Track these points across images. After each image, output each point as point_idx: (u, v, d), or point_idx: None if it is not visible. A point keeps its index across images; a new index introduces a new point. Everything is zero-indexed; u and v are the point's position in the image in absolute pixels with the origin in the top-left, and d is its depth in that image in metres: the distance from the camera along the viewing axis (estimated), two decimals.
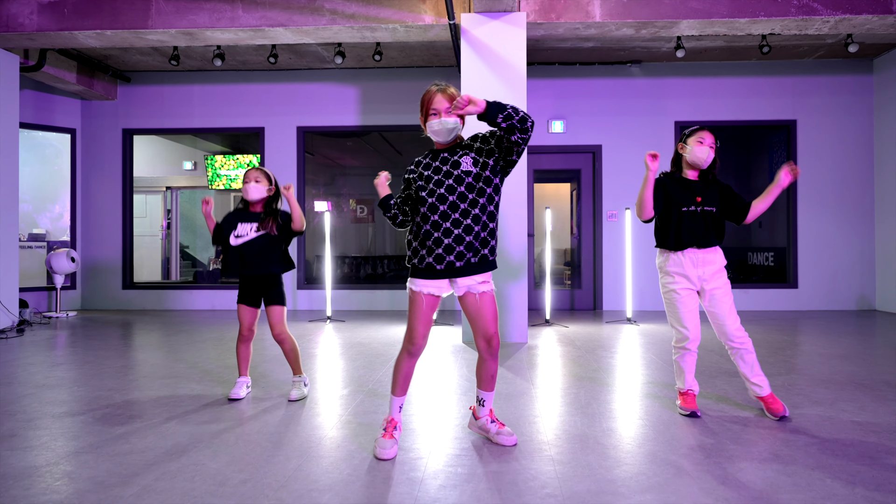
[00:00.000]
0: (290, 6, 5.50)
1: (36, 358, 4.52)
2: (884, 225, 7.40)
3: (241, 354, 3.34)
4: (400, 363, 2.42)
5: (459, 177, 2.31)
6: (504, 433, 2.49)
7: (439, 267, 2.32)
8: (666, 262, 2.89)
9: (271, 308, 3.25)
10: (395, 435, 2.41)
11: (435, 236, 2.31)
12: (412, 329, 2.37)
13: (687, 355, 2.89)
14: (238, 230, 3.20)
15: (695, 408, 2.89)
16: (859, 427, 2.70)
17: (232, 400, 3.23)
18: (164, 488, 2.06)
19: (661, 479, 2.13)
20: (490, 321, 2.39)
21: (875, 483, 2.07)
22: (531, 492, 2.03)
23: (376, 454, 2.34)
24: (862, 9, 5.19)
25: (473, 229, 2.30)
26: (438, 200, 2.31)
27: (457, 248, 2.29)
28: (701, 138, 2.85)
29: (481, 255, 2.34)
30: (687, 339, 2.85)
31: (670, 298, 2.87)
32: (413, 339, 2.37)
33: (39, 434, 2.67)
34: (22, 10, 5.70)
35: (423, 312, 2.37)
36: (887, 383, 3.54)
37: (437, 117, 2.33)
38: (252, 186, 3.18)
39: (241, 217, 3.23)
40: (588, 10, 5.31)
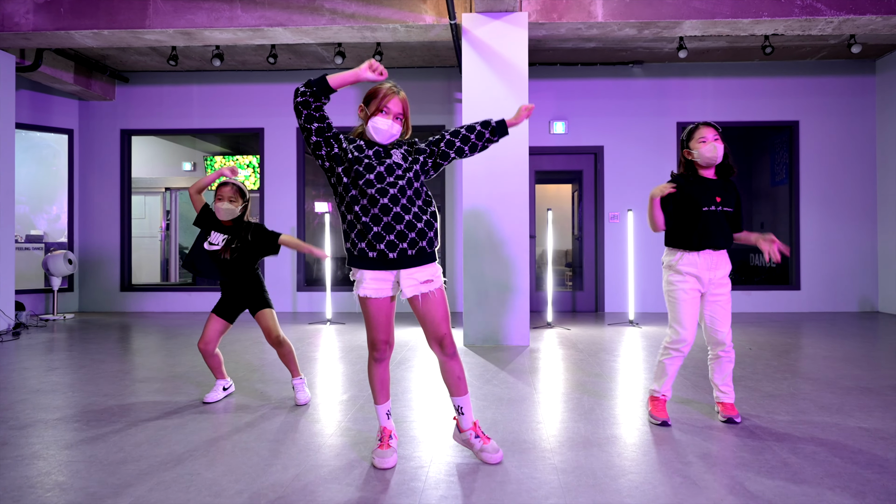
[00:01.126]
0: (290, 6, 5.45)
1: (31, 362, 4.47)
2: (886, 226, 7.36)
3: (210, 365, 3.26)
4: (370, 370, 2.37)
5: (390, 167, 2.24)
6: (488, 450, 2.32)
7: (371, 254, 2.21)
8: (679, 261, 2.80)
9: (260, 314, 3.19)
10: (392, 444, 2.35)
11: (364, 221, 2.20)
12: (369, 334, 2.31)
13: (677, 358, 2.82)
14: (212, 237, 3.16)
15: (666, 417, 2.82)
16: (867, 434, 2.65)
17: (206, 403, 3.19)
18: (159, 499, 2.01)
19: (668, 488, 2.08)
20: (440, 321, 2.28)
21: (886, 493, 2.02)
22: (535, 501, 1.98)
23: (375, 464, 2.29)
24: (866, 9, 5.14)
25: (404, 218, 2.20)
26: (366, 185, 2.19)
27: (387, 237, 2.19)
28: (702, 138, 2.80)
29: (418, 248, 2.23)
30: (683, 342, 2.77)
31: (675, 297, 2.79)
32: (373, 345, 2.32)
33: (32, 442, 2.62)
34: (18, 9, 5.64)
35: (374, 317, 2.28)
36: (893, 388, 3.49)
37: (386, 116, 2.25)
38: (223, 207, 3.08)
39: (217, 226, 3.17)
40: (590, 11, 5.26)
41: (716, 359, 2.85)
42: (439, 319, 2.27)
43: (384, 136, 2.26)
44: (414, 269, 2.24)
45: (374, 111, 2.25)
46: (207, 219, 3.19)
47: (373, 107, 2.26)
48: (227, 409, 3.12)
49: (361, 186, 2.20)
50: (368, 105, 2.28)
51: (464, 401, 2.35)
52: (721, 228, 2.80)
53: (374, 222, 2.18)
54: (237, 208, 3.13)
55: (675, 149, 7.58)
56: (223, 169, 3.19)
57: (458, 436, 2.41)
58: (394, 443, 2.36)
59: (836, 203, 7.54)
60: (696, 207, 2.78)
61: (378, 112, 2.25)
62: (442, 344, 2.30)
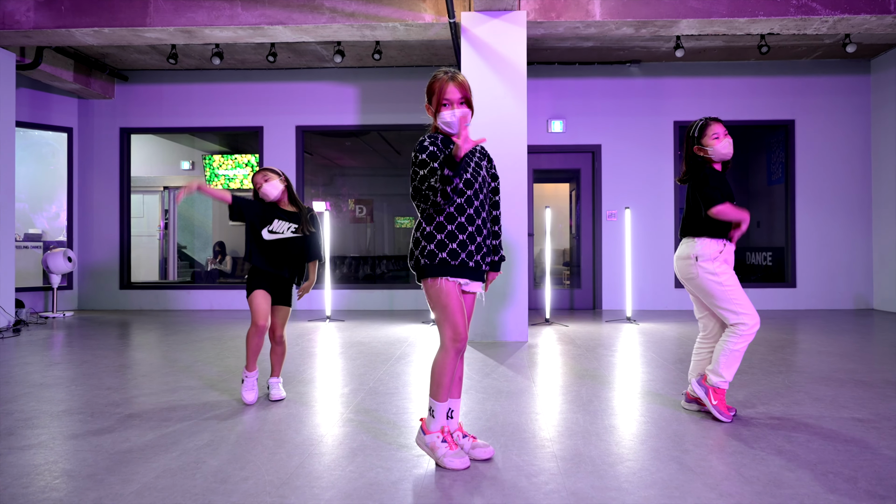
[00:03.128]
0: (290, 4, 5.48)
1: (32, 357, 4.49)
2: (881, 224, 7.42)
3: (253, 347, 3.15)
4: (447, 365, 2.22)
5: (486, 179, 2.33)
6: (480, 445, 2.29)
7: (471, 264, 2.22)
8: (722, 252, 2.79)
9: (280, 308, 3.22)
10: (461, 442, 2.28)
11: (469, 230, 2.22)
12: (454, 324, 2.20)
13: (747, 345, 2.77)
14: (274, 226, 3.14)
15: (732, 408, 2.81)
16: (860, 423, 2.70)
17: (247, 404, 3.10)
18: (165, 486, 2.05)
19: (665, 474, 2.12)
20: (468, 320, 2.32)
21: (877, 477, 2.07)
22: (535, 488, 2.02)
23: (447, 465, 2.17)
24: (860, 8, 5.20)
25: (493, 230, 2.39)
26: (474, 195, 2.24)
27: (490, 241, 2.35)
28: (715, 133, 2.84)
29: (500, 255, 2.43)
30: (758, 322, 2.75)
31: (731, 284, 2.76)
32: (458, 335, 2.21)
33: (38, 433, 2.65)
34: (19, 7, 5.67)
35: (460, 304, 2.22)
36: (887, 381, 3.54)
37: (449, 108, 2.21)
38: (269, 185, 3.12)
39: (279, 214, 3.16)
40: (588, 9, 5.31)
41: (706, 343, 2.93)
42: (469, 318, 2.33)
43: (455, 126, 2.23)
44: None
45: (437, 108, 2.24)
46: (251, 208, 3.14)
47: (435, 103, 2.24)
48: (230, 402, 3.15)
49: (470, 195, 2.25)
50: (431, 102, 2.27)
51: (454, 403, 2.32)
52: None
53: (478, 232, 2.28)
54: (279, 182, 3.14)
55: (672, 148, 7.63)
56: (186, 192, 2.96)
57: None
58: (465, 441, 2.31)
59: (831, 201, 7.60)
60: (731, 200, 2.78)
61: (441, 107, 2.22)
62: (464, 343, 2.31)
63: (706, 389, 2.80)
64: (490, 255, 2.35)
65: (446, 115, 2.22)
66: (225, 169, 9.85)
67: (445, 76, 2.24)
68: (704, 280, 2.79)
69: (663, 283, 7.53)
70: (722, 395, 2.78)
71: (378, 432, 2.64)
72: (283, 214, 3.18)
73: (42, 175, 7.97)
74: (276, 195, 3.15)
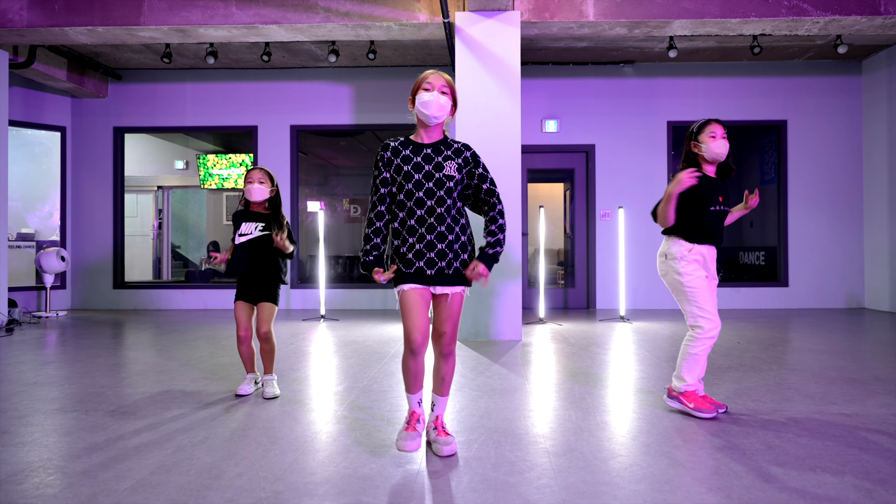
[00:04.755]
0: (284, 4, 5.49)
1: (26, 356, 4.48)
2: (872, 224, 7.49)
3: (243, 355, 3.31)
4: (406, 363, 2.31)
5: (441, 180, 2.24)
6: (440, 442, 2.31)
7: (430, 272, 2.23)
8: (690, 252, 2.82)
9: (262, 304, 3.28)
10: (418, 427, 2.32)
11: (419, 232, 2.22)
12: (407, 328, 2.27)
13: (708, 348, 2.81)
14: (242, 229, 3.24)
15: (713, 407, 2.79)
16: (849, 419, 2.73)
17: (239, 395, 3.21)
18: (160, 482, 2.05)
19: (656, 469, 2.15)
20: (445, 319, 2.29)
21: (864, 471, 2.10)
22: (527, 482, 2.04)
23: (398, 446, 2.25)
24: (851, 10, 5.25)
25: (447, 237, 2.23)
26: (418, 202, 2.23)
27: (427, 254, 2.22)
28: (713, 132, 2.85)
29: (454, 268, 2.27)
30: (715, 329, 2.78)
31: (695, 286, 2.79)
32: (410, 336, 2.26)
33: (32, 430, 2.65)
34: (11, 5, 5.65)
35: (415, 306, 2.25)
36: (877, 378, 3.58)
37: (429, 92, 2.24)
38: (256, 188, 3.21)
39: (245, 217, 3.28)
40: (581, 10, 5.34)
41: None
42: (446, 317, 2.29)
43: (432, 108, 2.23)
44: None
45: (416, 92, 2.28)
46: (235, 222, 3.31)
47: (415, 89, 2.28)
48: (224, 400, 3.16)
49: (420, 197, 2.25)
50: (411, 96, 2.30)
51: (440, 401, 2.38)
52: (720, 227, 2.89)
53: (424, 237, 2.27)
54: (267, 189, 3.24)
55: (666, 148, 7.68)
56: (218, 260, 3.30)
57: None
58: (420, 427, 2.32)
59: (823, 201, 7.66)
60: (704, 206, 2.82)
61: (422, 90, 2.25)
62: (440, 340, 2.32)
63: (677, 399, 2.86)
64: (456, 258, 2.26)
65: (423, 94, 2.24)
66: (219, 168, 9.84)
67: (432, 70, 2.33)
68: (672, 277, 2.86)
69: (657, 282, 7.57)
70: (693, 395, 2.82)
71: (371, 429, 2.65)
72: (250, 217, 3.27)
73: (35, 174, 7.94)
74: (258, 199, 3.23)
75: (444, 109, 2.26)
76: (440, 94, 2.25)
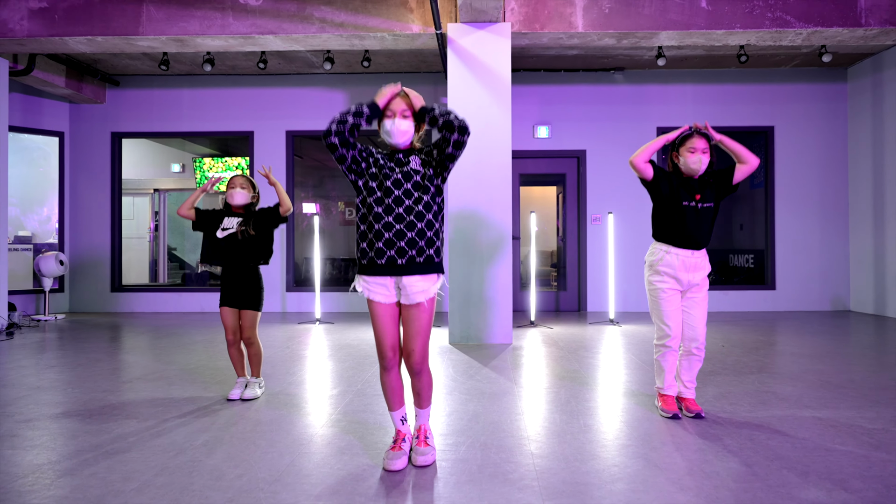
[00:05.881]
0: (280, 14, 5.60)
1: (28, 361, 4.58)
2: (858, 228, 7.65)
3: (232, 357, 3.46)
4: (381, 379, 2.41)
5: (408, 173, 2.30)
6: (418, 451, 2.36)
7: (380, 262, 2.26)
8: (659, 262, 2.95)
9: (245, 312, 3.39)
10: (404, 447, 2.37)
11: (376, 228, 2.26)
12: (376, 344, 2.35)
13: (668, 354, 2.99)
14: (224, 223, 3.39)
15: (675, 410, 2.97)
16: (820, 422, 2.87)
17: (230, 400, 3.33)
18: (164, 483, 2.17)
19: (632, 470, 2.28)
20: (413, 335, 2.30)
21: (827, 472, 2.23)
22: (510, 483, 2.17)
23: (384, 466, 2.31)
24: (833, 22, 5.40)
25: (416, 226, 2.27)
26: (385, 193, 2.28)
27: (398, 243, 2.25)
28: (692, 147, 2.94)
29: (426, 255, 2.29)
30: (668, 337, 2.94)
31: (656, 296, 2.96)
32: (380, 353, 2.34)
33: (38, 434, 2.76)
34: (12, 15, 5.75)
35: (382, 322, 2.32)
36: (852, 381, 3.73)
37: (391, 119, 2.32)
38: (238, 192, 3.38)
39: (228, 213, 3.43)
40: (571, 21, 5.47)
41: (688, 355, 3.02)
42: (413, 333, 2.30)
43: (395, 136, 2.31)
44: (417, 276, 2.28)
45: (380, 119, 2.34)
46: (208, 217, 3.43)
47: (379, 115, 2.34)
48: (223, 404, 3.27)
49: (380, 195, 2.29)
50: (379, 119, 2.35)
51: (421, 413, 2.43)
52: (699, 226, 2.94)
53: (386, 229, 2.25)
54: (250, 195, 3.40)
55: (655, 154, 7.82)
56: (205, 184, 3.47)
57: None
58: (405, 446, 2.38)
59: (809, 206, 7.82)
60: (677, 202, 2.94)
61: (384, 118, 2.34)
62: (409, 359, 2.32)
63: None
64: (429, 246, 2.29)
65: (386, 123, 2.33)
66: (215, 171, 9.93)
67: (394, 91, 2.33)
68: (646, 284, 3.06)
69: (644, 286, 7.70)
70: (660, 397, 3.07)
71: (364, 432, 2.78)
72: (231, 213, 3.42)
73: (32, 178, 8.02)
74: (239, 203, 3.39)
75: (406, 135, 2.33)
76: (402, 119, 2.31)
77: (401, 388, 2.42)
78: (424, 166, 2.34)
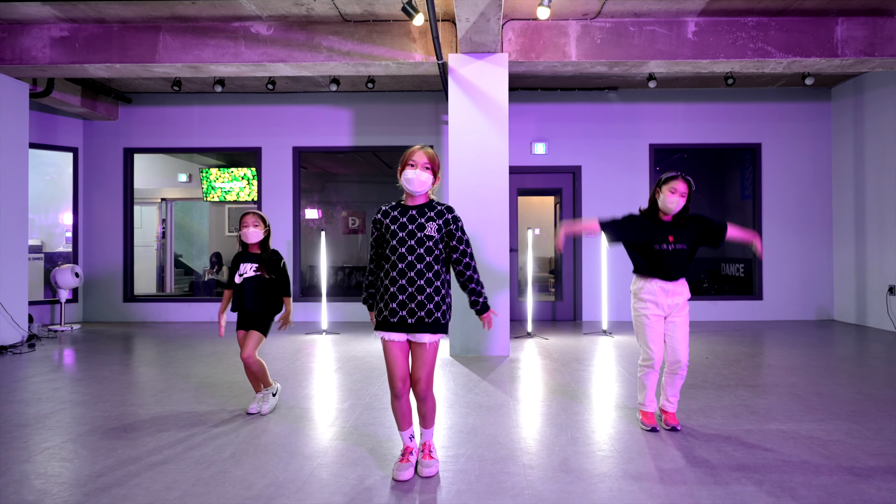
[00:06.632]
0: (290, 43, 5.92)
1: (55, 374, 4.90)
2: (841, 241, 7.98)
3: (249, 377, 3.76)
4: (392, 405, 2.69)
5: (422, 239, 2.59)
6: (423, 463, 2.67)
7: (393, 320, 2.55)
8: (641, 290, 3.30)
9: (251, 332, 3.67)
10: (411, 459, 2.68)
11: (400, 283, 2.55)
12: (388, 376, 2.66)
13: (651, 374, 3.32)
14: (241, 269, 3.68)
15: (654, 423, 3.31)
16: (783, 434, 3.19)
17: (249, 414, 3.64)
18: (202, 492, 2.49)
19: (609, 478, 2.60)
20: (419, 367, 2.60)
21: (780, 481, 2.55)
22: (503, 491, 2.49)
23: (393, 476, 2.61)
24: (811, 52, 5.72)
25: (426, 290, 2.55)
26: (399, 258, 2.56)
27: (409, 304, 2.54)
28: (673, 188, 3.25)
29: (434, 317, 2.57)
30: (652, 360, 3.28)
31: (640, 322, 3.30)
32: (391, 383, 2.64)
33: (79, 447, 3.08)
34: (35, 43, 6.06)
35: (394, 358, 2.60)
36: (819, 394, 4.05)
37: (413, 168, 2.60)
38: (251, 231, 3.65)
39: (244, 258, 3.71)
40: (565, 51, 5.79)
41: (672, 374, 3.35)
42: (419, 365, 2.62)
43: (414, 185, 2.59)
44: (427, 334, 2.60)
45: (403, 167, 2.62)
46: (232, 268, 3.72)
47: (402, 164, 2.62)
48: (244, 417, 3.59)
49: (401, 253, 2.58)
50: (400, 167, 2.64)
51: (425, 432, 2.74)
52: (674, 264, 3.27)
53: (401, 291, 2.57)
54: (261, 231, 3.68)
55: (648, 169, 8.15)
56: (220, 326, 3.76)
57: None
58: (412, 458, 2.68)
59: (795, 219, 8.15)
60: (650, 245, 3.28)
61: (407, 166, 2.61)
62: (416, 387, 2.64)
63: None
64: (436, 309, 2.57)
65: (408, 171, 2.62)
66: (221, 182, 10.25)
67: (418, 146, 2.67)
68: (631, 310, 3.40)
69: None
70: (641, 412, 3.41)
71: (374, 445, 3.09)
72: (247, 258, 3.70)
73: (43, 190, 8.33)
74: (254, 240, 3.67)
75: (425, 185, 2.61)
76: (422, 171, 2.59)
77: (409, 411, 2.73)
78: (438, 232, 2.64)
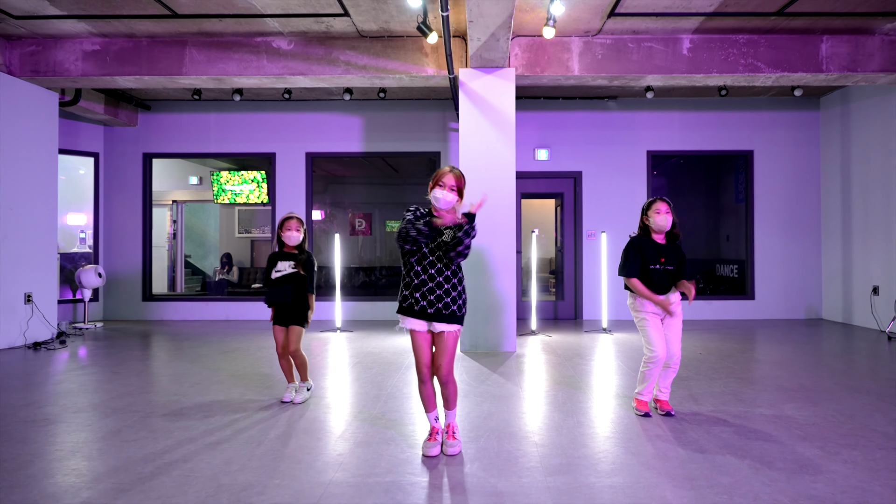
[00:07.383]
0: (310, 58, 6.29)
1: (93, 368, 5.26)
2: (829, 244, 8.38)
3: (283, 367, 4.14)
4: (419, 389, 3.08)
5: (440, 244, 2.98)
6: (448, 444, 3.03)
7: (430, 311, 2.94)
8: (637, 302, 3.71)
9: (292, 328, 4.08)
10: (437, 438, 3.06)
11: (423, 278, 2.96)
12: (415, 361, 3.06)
13: (654, 368, 3.67)
14: (278, 266, 4.06)
15: (648, 409, 3.71)
16: (765, 418, 3.58)
17: (283, 402, 4.01)
18: (258, 466, 2.86)
19: (612, 455, 2.97)
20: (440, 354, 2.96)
21: (760, 456, 2.93)
22: (520, 464, 2.86)
23: (424, 452, 3.00)
24: (798, 67, 6.11)
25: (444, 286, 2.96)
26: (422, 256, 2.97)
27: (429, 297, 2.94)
28: (657, 209, 3.68)
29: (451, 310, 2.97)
30: (656, 357, 3.64)
31: (643, 324, 3.68)
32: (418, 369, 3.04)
33: (137, 430, 3.44)
34: (67, 56, 6.42)
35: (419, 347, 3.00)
36: (802, 385, 4.43)
37: (441, 189, 2.99)
38: (294, 234, 4.04)
39: (281, 257, 4.10)
40: (568, 66, 6.17)
41: (666, 367, 3.73)
42: (440, 352, 3.00)
43: (440, 203, 2.97)
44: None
45: (433, 185, 3.00)
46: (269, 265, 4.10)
47: (433, 182, 3.01)
48: (279, 405, 3.96)
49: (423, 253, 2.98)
50: (431, 183, 3.02)
51: (448, 413, 3.09)
52: (663, 281, 3.68)
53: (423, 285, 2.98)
54: (301, 234, 4.06)
55: (645, 175, 8.54)
56: None
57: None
58: (438, 437, 3.07)
59: (786, 223, 8.54)
60: (646, 266, 3.67)
61: (437, 186, 3.00)
62: (439, 372, 3.01)
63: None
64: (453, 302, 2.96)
65: (437, 191, 3.00)
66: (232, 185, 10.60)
67: (450, 169, 3.04)
68: (633, 314, 3.74)
69: None
70: (636, 400, 3.77)
71: (402, 428, 3.46)
72: (284, 256, 4.09)
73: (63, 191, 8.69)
74: (296, 242, 4.07)
75: (450, 203, 2.98)
76: (449, 192, 2.97)
77: (433, 395, 3.11)
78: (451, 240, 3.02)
